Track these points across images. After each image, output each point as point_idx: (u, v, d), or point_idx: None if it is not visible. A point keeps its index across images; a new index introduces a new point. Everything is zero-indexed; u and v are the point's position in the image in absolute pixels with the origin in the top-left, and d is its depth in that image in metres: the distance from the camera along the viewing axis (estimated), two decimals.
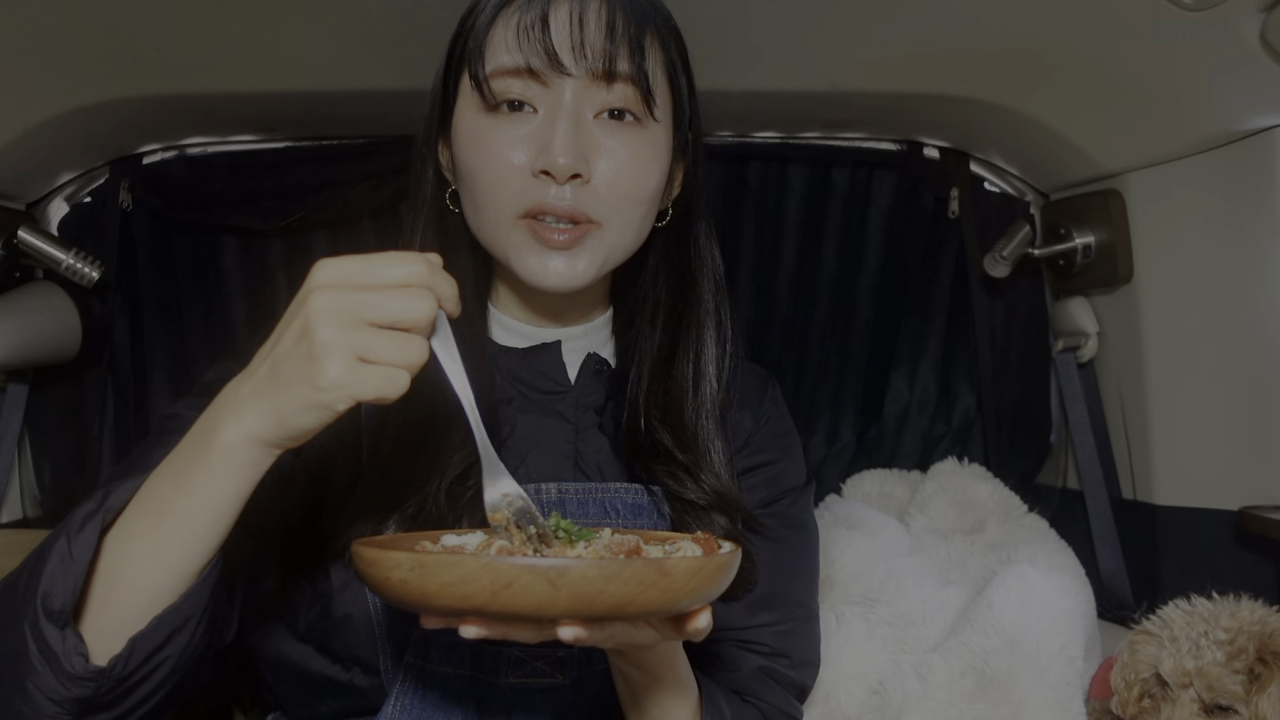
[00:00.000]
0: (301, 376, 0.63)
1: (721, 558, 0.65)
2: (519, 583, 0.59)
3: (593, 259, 0.89)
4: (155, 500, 0.69)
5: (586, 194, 0.86)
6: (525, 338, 0.99)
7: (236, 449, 0.66)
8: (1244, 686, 1.01)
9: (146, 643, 0.68)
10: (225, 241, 1.64)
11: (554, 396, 0.98)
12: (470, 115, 0.89)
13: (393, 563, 0.61)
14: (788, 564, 1.03)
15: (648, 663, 0.82)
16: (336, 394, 0.63)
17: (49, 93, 1.26)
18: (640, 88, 0.87)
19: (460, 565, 0.60)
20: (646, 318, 1.00)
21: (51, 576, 0.66)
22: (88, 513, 0.68)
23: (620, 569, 0.60)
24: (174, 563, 0.68)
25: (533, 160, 0.85)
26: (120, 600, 0.68)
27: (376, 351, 0.63)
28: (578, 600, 0.60)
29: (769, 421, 1.08)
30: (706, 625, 0.69)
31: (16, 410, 1.48)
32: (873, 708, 1.25)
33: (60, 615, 0.66)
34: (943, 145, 1.67)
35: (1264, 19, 1.06)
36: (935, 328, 1.78)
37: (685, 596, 0.63)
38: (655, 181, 0.91)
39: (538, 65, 0.85)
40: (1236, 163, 1.27)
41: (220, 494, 0.67)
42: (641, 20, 0.88)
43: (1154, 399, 1.44)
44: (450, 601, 0.60)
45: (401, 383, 0.63)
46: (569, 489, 0.95)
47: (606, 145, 0.87)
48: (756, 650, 1.00)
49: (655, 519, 0.96)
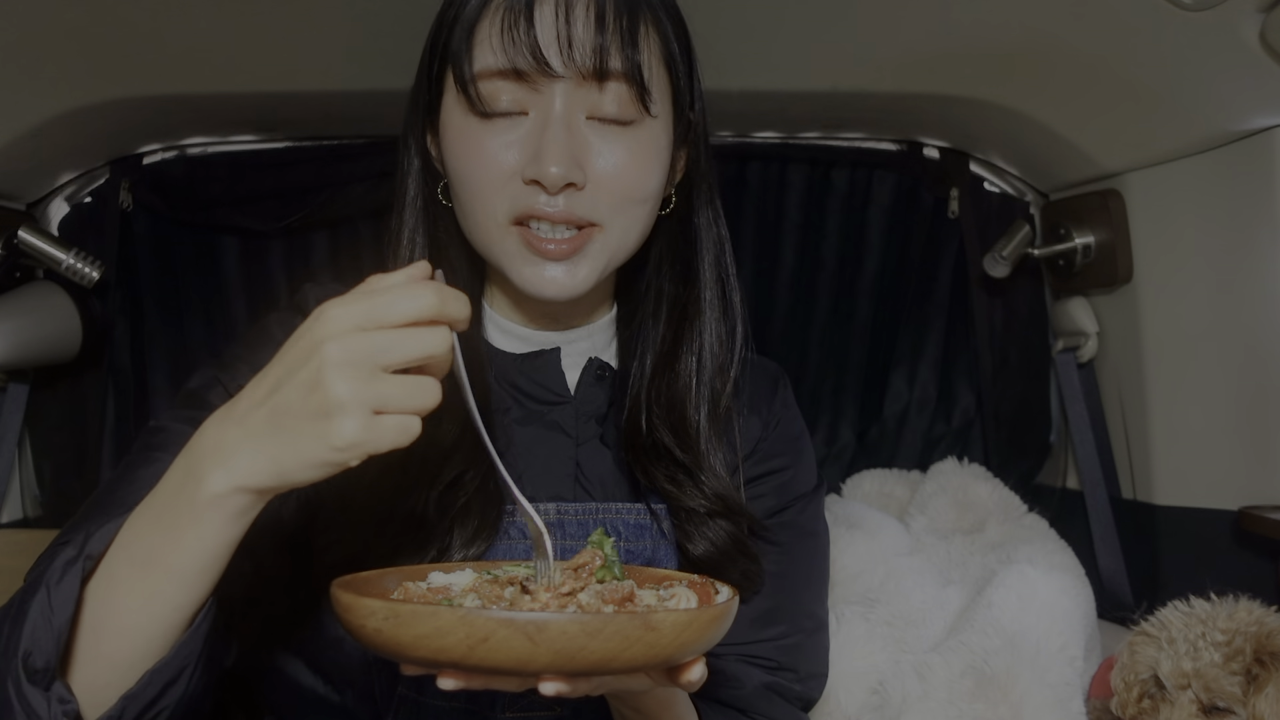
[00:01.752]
0: (313, 434, 0.58)
1: (712, 610, 0.61)
2: (496, 637, 0.55)
3: (595, 264, 0.85)
4: (141, 548, 0.64)
5: (583, 198, 0.82)
6: (523, 341, 0.95)
7: (225, 501, 0.61)
8: (1241, 687, 1.01)
9: (139, 699, 0.65)
10: (225, 241, 1.64)
11: (552, 407, 0.93)
12: (458, 116, 0.84)
13: (368, 611, 0.58)
14: (796, 574, 0.99)
15: (644, 705, 0.79)
16: (352, 453, 0.58)
17: (49, 93, 1.26)
18: (635, 85, 0.81)
19: (435, 617, 0.56)
20: (650, 310, 0.95)
21: (33, 633, 0.62)
22: (67, 560, 0.63)
23: (603, 624, 0.56)
24: (166, 612, 0.64)
25: (524, 167, 0.81)
26: (109, 651, 0.64)
27: (393, 401, 0.58)
28: (558, 656, 0.56)
29: (779, 425, 1.03)
30: (700, 677, 0.64)
31: (16, 410, 1.48)
32: (873, 707, 1.25)
33: (44, 674, 0.62)
34: (943, 145, 1.67)
35: (1264, 19, 1.06)
36: (935, 328, 1.78)
37: (674, 652, 0.59)
38: (656, 179, 0.86)
39: (524, 66, 0.79)
40: (1236, 163, 1.27)
41: (211, 545, 0.63)
42: (634, 5, 0.82)
43: (1154, 399, 1.44)
44: (425, 654, 0.57)
45: (415, 430, 0.59)
46: (568, 509, 0.91)
47: (601, 147, 0.82)
48: (761, 665, 0.95)
49: (657, 537, 0.93)
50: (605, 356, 0.98)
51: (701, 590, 0.69)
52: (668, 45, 0.86)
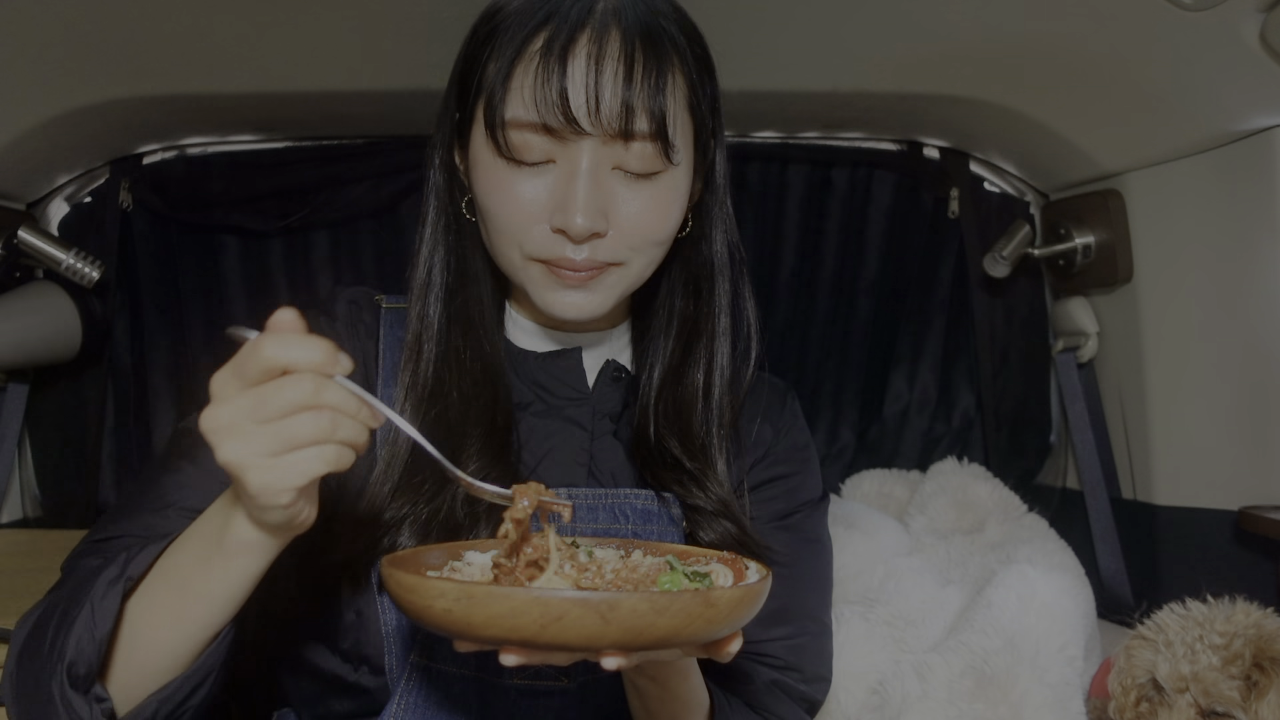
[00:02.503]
0: (248, 505, 0.65)
1: (758, 585, 0.65)
2: (570, 616, 0.58)
3: (610, 293, 0.89)
4: (177, 575, 0.72)
5: (605, 244, 0.86)
6: (545, 341, 0.99)
7: (250, 545, 0.68)
8: (1240, 691, 1.01)
9: (170, 701, 0.72)
10: (225, 241, 1.64)
11: (571, 403, 0.97)
12: (486, 155, 0.86)
13: (436, 591, 0.60)
14: (802, 578, 1.02)
15: (663, 676, 0.82)
16: (270, 498, 0.63)
17: (49, 93, 1.26)
18: (659, 141, 0.84)
19: (510, 598, 0.59)
20: (662, 325, 0.99)
21: (78, 644, 0.70)
22: (110, 579, 0.71)
23: (670, 602, 0.60)
24: (195, 630, 0.72)
25: (550, 215, 0.84)
26: (143, 660, 0.72)
27: (291, 437, 0.62)
28: (627, 633, 0.59)
29: (788, 434, 1.07)
30: (738, 648, 0.69)
31: (16, 410, 1.48)
32: (872, 707, 1.25)
33: (85, 680, 0.70)
34: (943, 145, 1.67)
35: (1264, 19, 1.06)
36: (935, 328, 1.78)
37: (727, 625, 0.63)
38: (676, 220, 0.90)
39: (554, 124, 0.82)
40: (1236, 163, 1.27)
41: (238, 577, 0.70)
42: (662, 55, 0.84)
43: (1154, 399, 1.44)
44: (497, 633, 0.59)
45: (343, 457, 0.63)
46: (579, 494, 0.94)
47: (626, 196, 0.85)
48: (769, 664, 0.99)
49: (666, 524, 0.95)
50: (623, 360, 1.02)
51: (733, 565, 0.72)
52: (693, 89, 0.89)
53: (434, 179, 0.94)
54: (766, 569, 0.69)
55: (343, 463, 0.64)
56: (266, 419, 0.62)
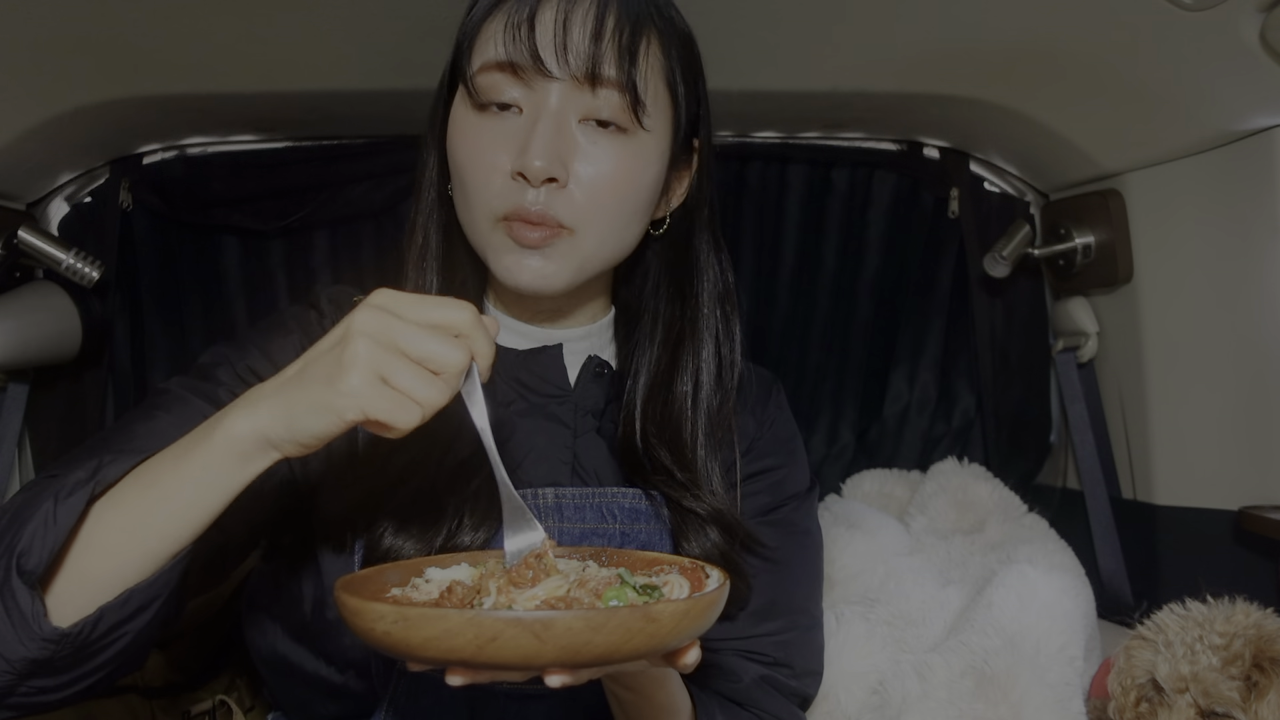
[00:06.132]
0: (325, 377, 0.65)
1: (707, 597, 0.64)
2: (504, 636, 0.58)
3: (565, 264, 0.87)
4: (149, 475, 0.70)
5: (560, 198, 0.84)
6: (526, 338, 0.98)
7: (238, 442, 0.67)
8: (1240, 692, 1.00)
9: (114, 613, 0.69)
10: (225, 241, 1.64)
11: (553, 400, 0.96)
12: (461, 112, 0.88)
13: (376, 615, 0.61)
14: (791, 572, 1.01)
15: (638, 685, 0.81)
16: (348, 401, 0.64)
17: (49, 93, 1.26)
18: (628, 95, 0.84)
19: (444, 619, 0.59)
20: (646, 330, 0.98)
21: (32, 535, 0.67)
22: (78, 480, 0.68)
23: (606, 618, 0.59)
24: (152, 540, 0.69)
25: (512, 161, 0.84)
26: (91, 568, 0.69)
27: (399, 378, 0.65)
28: (564, 651, 0.59)
29: (773, 426, 1.06)
30: (695, 660, 0.68)
31: (16, 410, 1.48)
32: (872, 707, 1.25)
33: (32, 575, 0.66)
34: (943, 145, 1.67)
35: (1264, 19, 1.06)
36: (935, 328, 1.78)
37: (673, 639, 0.62)
38: (640, 191, 0.88)
39: (521, 62, 0.83)
40: (1236, 163, 1.27)
41: (211, 482, 0.68)
42: (637, 24, 0.85)
43: (1154, 399, 1.44)
44: (435, 654, 0.60)
45: (411, 415, 0.65)
46: (566, 494, 0.93)
47: (589, 151, 0.85)
48: (758, 660, 0.98)
49: (655, 523, 0.95)
50: (605, 356, 1.01)
51: (692, 575, 0.72)
52: (670, 67, 0.89)
53: (427, 160, 0.95)
54: (726, 577, 0.69)
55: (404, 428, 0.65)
56: (405, 353, 0.65)
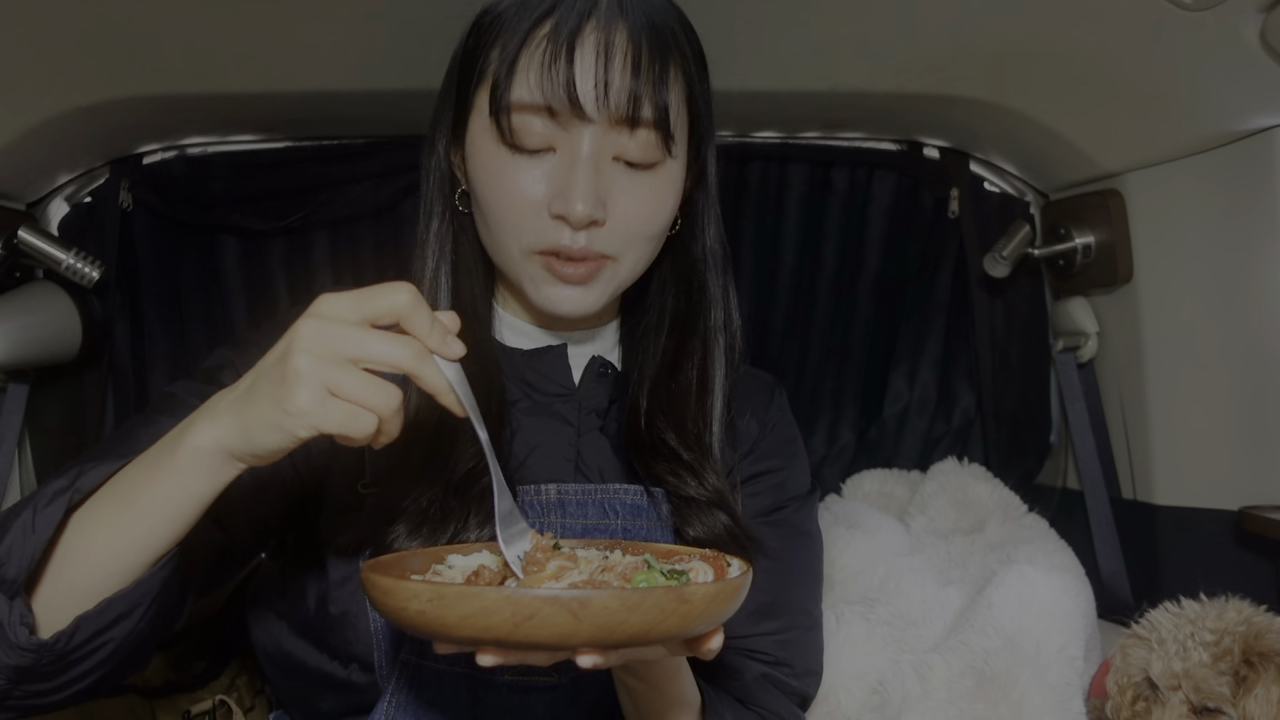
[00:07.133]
0: (272, 396, 0.64)
1: (735, 581, 0.65)
2: (541, 615, 0.58)
3: (605, 289, 0.90)
4: (124, 487, 0.70)
5: (602, 234, 0.86)
6: (532, 339, 0.99)
7: (202, 454, 0.67)
8: (1230, 687, 1.01)
9: (92, 623, 0.69)
10: (225, 241, 1.64)
11: (557, 399, 0.98)
12: (487, 143, 0.87)
13: (410, 593, 0.60)
14: (791, 572, 1.02)
15: (652, 676, 0.82)
16: (299, 420, 0.63)
17: (49, 93, 1.26)
18: (661, 131, 0.85)
19: (481, 598, 0.59)
20: (653, 323, 1.00)
21: (10, 545, 0.67)
22: (57, 489, 0.69)
23: (642, 598, 0.60)
24: (129, 551, 0.69)
25: (550, 201, 0.85)
26: (72, 577, 0.69)
27: (346, 389, 0.63)
28: (599, 630, 0.59)
29: (775, 428, 1.07)
30: (719, 645, 0.69)
31: (16, 410, 1.48)
32: (872, 707, 1.25)
33: (12, 585, 0.67)
34: (943, 145, 1.67)
35: (1264, 19, 1.06)
36: (935, 328, 1.78)
37: (703, 621, 0.63)
38: (669, 214, 0.91)
39: (559, 107, 0.83)
40: (1236, 163, 1.27)
41: (180, 493, 0.68)
42: (665, 50, 0.85)
43: (1154, 399, 1.44)
44: (470, 633, 0.60)
45: (366, 424, 0.64)
46: (568, 490, 0.94)
47: (625, 186, 0.86)
48: (759, 659, 0.99)
49: (654, 519, 0.96)
50: (609, 357, 1.02)
51: (715, 563, 0.72)
52: (691, 85, 0.90)
53: (434, 168, 0.95)
54: (748, 565, 0.70)
55: (361, 438, 0.64)
56: (354, 358, 0.63)
